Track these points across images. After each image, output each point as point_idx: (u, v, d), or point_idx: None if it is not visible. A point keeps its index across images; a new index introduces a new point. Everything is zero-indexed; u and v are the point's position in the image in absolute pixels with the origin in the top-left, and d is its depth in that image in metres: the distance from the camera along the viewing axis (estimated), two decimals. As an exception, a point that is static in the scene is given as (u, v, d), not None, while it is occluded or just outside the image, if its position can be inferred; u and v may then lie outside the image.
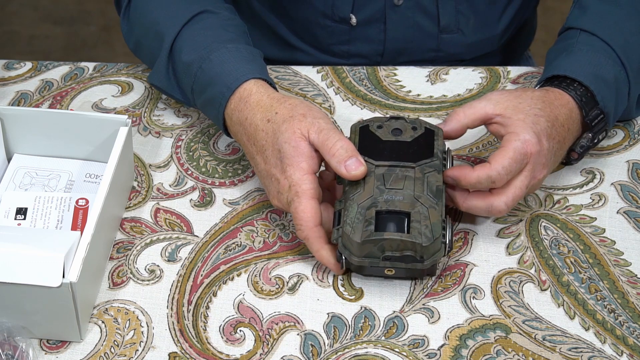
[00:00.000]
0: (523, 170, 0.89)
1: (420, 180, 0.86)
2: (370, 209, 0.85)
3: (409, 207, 0.85)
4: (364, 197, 0.85)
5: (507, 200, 0.89)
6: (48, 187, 0.95)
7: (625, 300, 0.88)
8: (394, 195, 0.85)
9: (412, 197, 0.85)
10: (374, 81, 1.10)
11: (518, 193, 0.89)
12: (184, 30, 0.99)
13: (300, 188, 0.87)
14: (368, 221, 0.84)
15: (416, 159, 0.88)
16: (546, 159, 0.90)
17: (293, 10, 1.16)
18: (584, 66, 0.95)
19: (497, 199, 0.89)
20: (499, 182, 0.88)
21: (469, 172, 0.88)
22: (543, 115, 0.91)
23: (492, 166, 0.87)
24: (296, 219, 0.87)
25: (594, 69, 0.95)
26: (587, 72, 0.95)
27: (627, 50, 0.97)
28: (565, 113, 0.93)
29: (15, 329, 0.82)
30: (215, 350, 0.85)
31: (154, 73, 1.02)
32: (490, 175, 0.87)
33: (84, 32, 2.50)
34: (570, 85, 0.95)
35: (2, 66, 1.12)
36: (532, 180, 0.90)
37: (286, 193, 0.88)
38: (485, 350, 0.85)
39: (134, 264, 0.91)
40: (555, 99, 0.93)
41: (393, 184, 0.86)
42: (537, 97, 0.93)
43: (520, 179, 0.89)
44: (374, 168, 0.87)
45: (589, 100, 0.94)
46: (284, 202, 0.88)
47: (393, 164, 0.87)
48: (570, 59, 0.97)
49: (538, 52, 1.35)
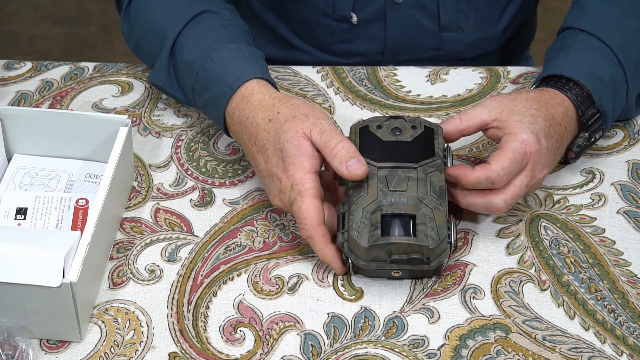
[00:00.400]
0: (523, 170, 0.89)
1: (423, 180, 0.86)
2: (375, 213, 0.85)
3: (414, 210, 0.85)
4: (369, 201, 0.85)
5: (506, 199, 0.89)
6: (48, 187, 0.95)
7: (625, 300, 0.88)
8: (398, 197, 0.85)
9: (416, 198, 0.85)
10: (373, 81, 1.10)
11: (517, 192, 0.89)
12: (186, 29, 0.99)
13: (303, 187, 0.87)
14: (374, 225, 0.84)
15: (418, 159, 0.88)
16: (546, 158, 0.90)
17: (293, 10, 1.16)
18: (580, 65, 0.96)
19: (496, 197, 0.89)
20: (498, 183, 0.88)
21: (468, 173, 0.88)
22: (539, 115, 0.91)
23: (491, 167, 0.87)
24: (299, 217, 0.87)
25: (591, 68, 0.95)
26: (583, 72, 0.95)
27: (625, 50, 0.97)
28: (561, 112, 0.93)
29: (15, 329, 0.82)
30: (215, 350, 0.85)
31: (154, 72, 1.02)
32: (490, 176, 0.87)
33: (84, 32, 2.50)
34: (566, 85, 0.95)
35: (2, 66, 1.12)
36: (532, 179, 0.90)
37: (288, 192, 0.88)
38: (485, 350, 0.85)
39: (134, 264, 0.91)
40: (551, 99, 0.93)
41: (396, 185, 0.86)
42: (532, 98, 0.93)
43: (520, 178, 0.89)
44: (376, 170, 0.87)
45: (585, 99, 0.94)
46: (286, 202, 0.88)
47: (395, 165, 0.87)
48: (567, 59, 0.97)
49: (538, 52, 1.35)
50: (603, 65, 0.96)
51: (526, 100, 0.92)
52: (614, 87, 0.96)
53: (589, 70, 0.95)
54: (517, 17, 1.21)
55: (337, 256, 0.87)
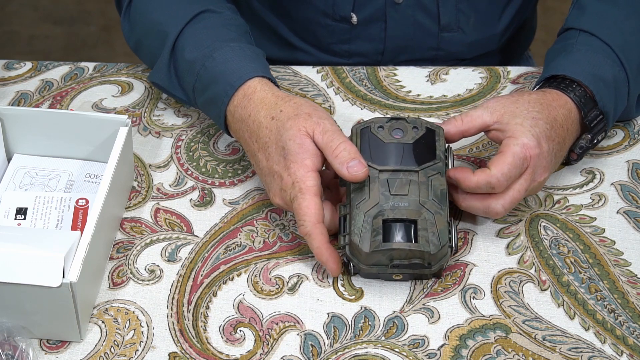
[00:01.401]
0: (523, 174, 0.89)
1: (425, 184, 0.86)
2: (377, 218, 0.85)
3: (416, 215, 0.85)
4: (370, 205, 0.86)
5: (505, 203, 0.89)
6: (48, 187, 0.95)
7: (625, 300, 0.88)
8: (400, 201, 0.85)
9: (417, 202, 0.85)
10: (373, 81, 1.10)
11: (516, 196, 0.89)
12: (186, 28, 0.99)
13: (305, 184, 0.87)
14: (376, 231, 0.84)
15: (419, 162, 0.88)
16: (547, 161, 0.90)
17: (293, 10, 1.16)
18: (582, 66, 0.95)
19: (495, 201, 0.89)
20: (498, 188, 0.88)
21: (469, 176, 0.88)
22: (541, 117, 0.91)
23: (491, 172, 0.87)
24: (299, 215, 0.87)
25: (593, 68, 0.95)
26: (585, 72, 0.95)
27: (626, 50, 0.97)
28: (563, 114, 0.93)
29: (15, 329, 0.82)
30: (215, 350, 0.85)
31: (155, 71, 1.02)
32: (490, 181, 0.87)
33: (84, 32, 2.50)
34: (569, 86, 0.95)
35: (2, 66, 1.12)
36: (532, 183, 0.90)
37: (289, 190, 0.88)
38: (485, 350, 0.85)
39: (134, 264, 0.91)
40: (553, 100, 0.93)
41: (398, 189, 0.86)
42: (534, 100, 0.92)
43: (520, 182, 0.89)
44: (377, 174, 0.87)
45: (588, 100, 0.94)
46: (287, 199, 0.88)
47: (396, 169, 0.87)
48: (569, 59, 0.97)
49: (538, 52, 1.35)
50: (605, 66, 0.96)
51: (528, 103, 0.92)
52: (616, 87, 0.96)
53: (591, 70, 0.95)
54: (517, 17, 1.20)
55: (333, 256, 0.87)
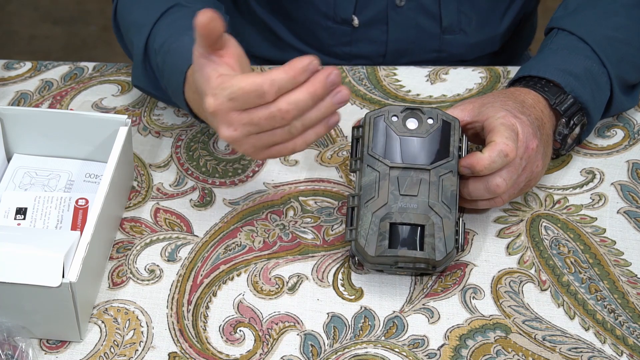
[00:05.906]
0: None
1: (435, 185, 0.86)
2: (384, 221, 0.85)
3: (423, 220, 0.85)
4: (379, 205, 0.85)
5: (503, 174, 0.88)
6: (48, 187, 0.95)
7: (625, 300, 0.88)
8: (409, 202, 0.85)
9: (426, 205, 0.85)
10: (373, 81, 1.10)
11: (515, 165, 0.89)
12: (156, 25, 0.99)
13: (214, 81, 0.81)
14: (382, 235, 0.85)
15: (431, 160, 0.87)
16: (532, 128, 0.90)
17: (294, 12, 1.16)
18: (548, 63, 0.97)
19: (492, 176, 0.89)
20: (511, 154, 0.87)
21: (480, 156, 0.87)
22: (509, 99, 0.93)
23: (496, 143, 0.87)
24: (214, 90, 0.80)
25: (560, 64, 0.97)
26: (551, 68, 0.97)
27: (604, 44, 0.98)
28: (531, 98, 0.95)
29: (15, 329, 0.82)
30: (215, 350, 0.85)
31: (133, 74, 1.02)
32: (501, 149, 0.87)
33: (84, 32, 2.50)
34: (537, 83, 0.97)
35: (2, 66, 1.12)
36: (527, 151, 0.89)
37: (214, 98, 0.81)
38: (485, 351, 0.85)
39: (134, 264, 0.91)
40: (516, 90, 0.96)
41: (407, 189, 0.86)
42: (498, 92, 0.96)
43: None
44: (388, 170, 0.87)
45: (553, 89, 0.96)
46: (223, 109, 0.81)
47: (408, 166, 0.87)
48: (536, 59, 0.99)
49: (538, 52, 1.36)
50: (575, 60, 0.97)
51: (493, 95, 0.95)
52: (591, 78, 0.97)
53: (558, 66, 0.97)
54: (518, 17, 1.21)
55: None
